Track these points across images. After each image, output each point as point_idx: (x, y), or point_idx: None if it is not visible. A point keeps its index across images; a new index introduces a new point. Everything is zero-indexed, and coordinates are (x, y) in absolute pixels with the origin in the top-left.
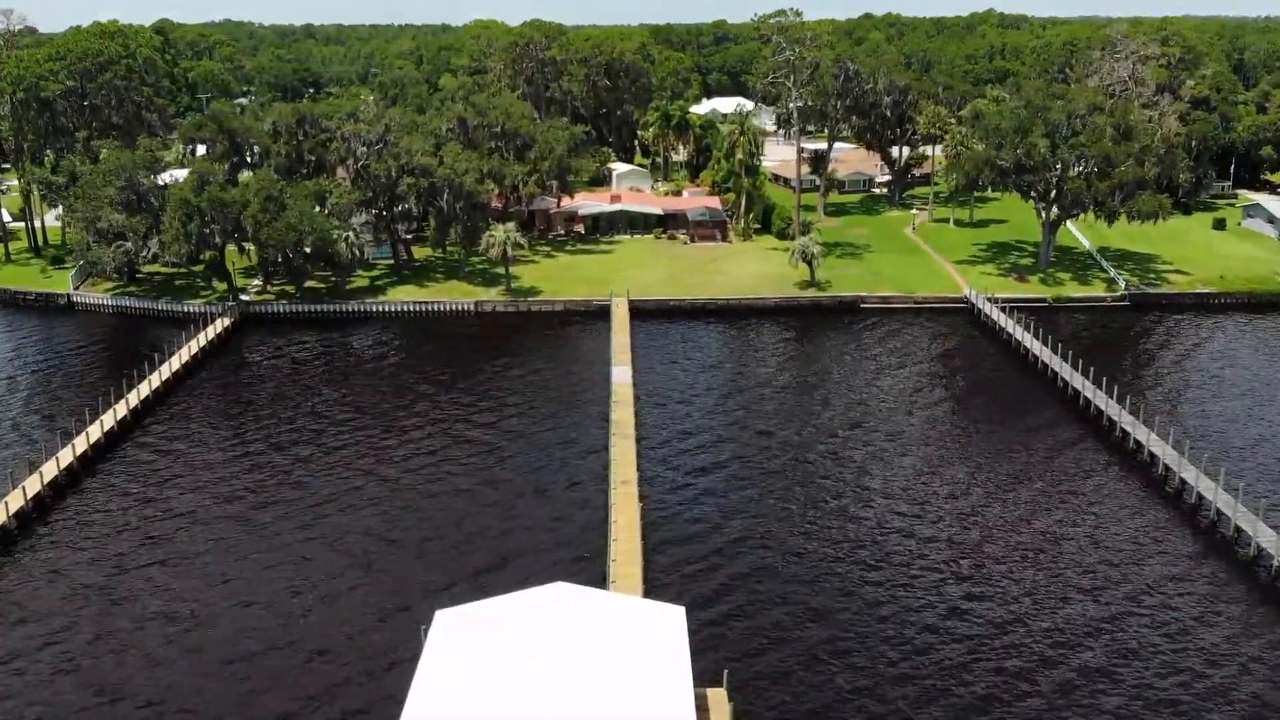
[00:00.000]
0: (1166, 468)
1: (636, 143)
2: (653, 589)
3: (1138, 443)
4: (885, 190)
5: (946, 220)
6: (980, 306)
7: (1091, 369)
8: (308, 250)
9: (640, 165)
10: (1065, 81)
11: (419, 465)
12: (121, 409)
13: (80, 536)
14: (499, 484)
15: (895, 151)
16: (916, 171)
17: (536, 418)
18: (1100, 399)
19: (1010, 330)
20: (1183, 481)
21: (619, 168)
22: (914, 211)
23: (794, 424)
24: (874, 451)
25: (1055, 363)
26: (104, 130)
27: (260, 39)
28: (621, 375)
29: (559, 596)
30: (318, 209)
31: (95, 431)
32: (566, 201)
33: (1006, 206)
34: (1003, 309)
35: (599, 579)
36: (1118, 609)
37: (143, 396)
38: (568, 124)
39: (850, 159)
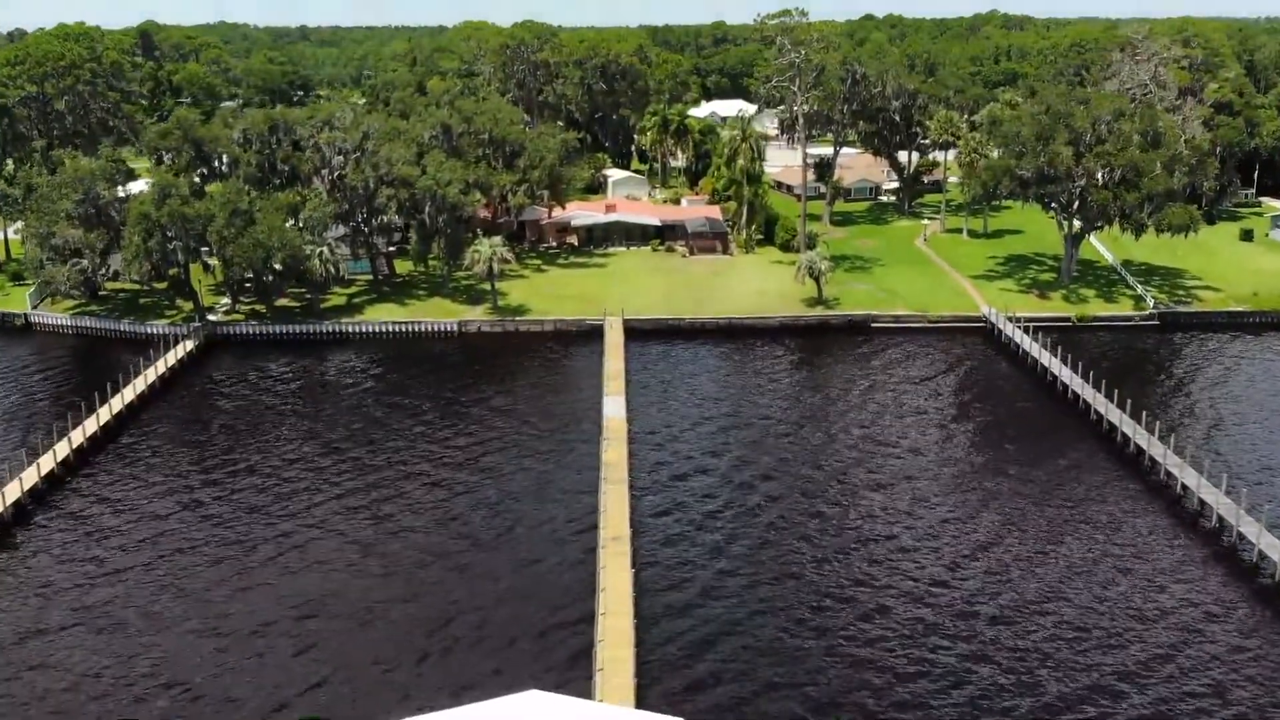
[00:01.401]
0: (1221, 518)
1: (633, 148)
2: (648, 679)
3: (1185, 487)
4: (893, 198)
5: (959, 230)
6: (1000, 326)
7: (1129, 400)
8: (277, 267)
9: (637, 171)
10: (1082, 84)
11: (381, 519)
12: (64, 449)
13: (11, 588)
14: (471, 540)
15: (904, 157)
16: (926, 179)
17: (518, 458)
18: (1141, 436)
19: (1034, 353)
20: (1241, 535)
21: (615, 174)
22: (925, 221)
23: (803, 463)
24: (890, 494)
25: (1087, 392)
26: (66, 138)
27: (254, 41)
28: (614, 408)
29: (531, 708)
30: (291, 222)
31: (31, 476)
32: (558, 212)
33: (1021, 216)
34: (1024, 329)
35: (584, 658)
36: (1176, 686)
37: (89, 434)
38: (560, 130)
39: (856, 165)
